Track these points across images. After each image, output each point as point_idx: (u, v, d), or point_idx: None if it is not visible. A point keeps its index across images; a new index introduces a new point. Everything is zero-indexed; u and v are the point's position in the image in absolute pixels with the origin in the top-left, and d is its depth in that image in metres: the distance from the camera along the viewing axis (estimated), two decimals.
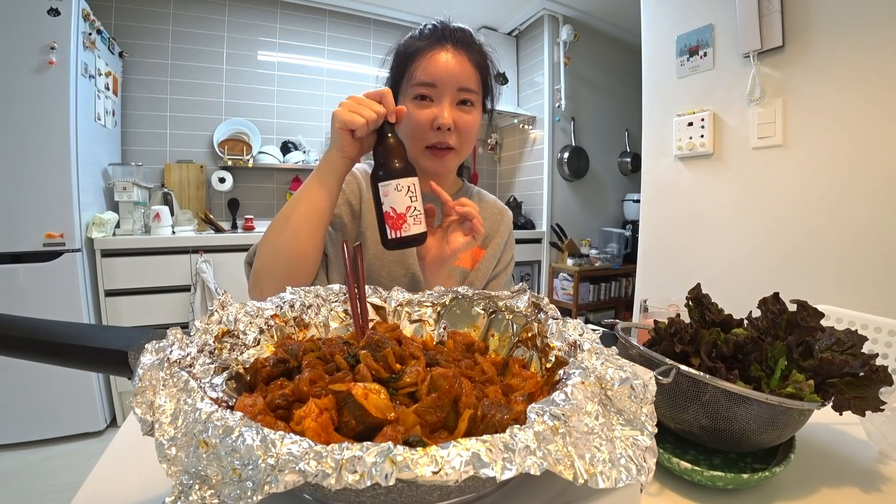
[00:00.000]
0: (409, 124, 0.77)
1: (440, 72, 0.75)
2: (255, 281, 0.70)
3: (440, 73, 0.75)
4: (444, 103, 0.75)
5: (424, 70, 0.75)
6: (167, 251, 2.12)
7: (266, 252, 0.69)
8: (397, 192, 0.64)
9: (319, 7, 2.96)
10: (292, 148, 2.84)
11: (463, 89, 0.76)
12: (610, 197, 3.52)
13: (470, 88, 0.77)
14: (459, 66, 0.76)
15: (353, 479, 0.21)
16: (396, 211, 0.65)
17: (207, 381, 0.35)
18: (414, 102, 0.76)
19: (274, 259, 0.68)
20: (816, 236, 1.42)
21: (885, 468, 0.48)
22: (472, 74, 0.77)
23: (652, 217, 1.96)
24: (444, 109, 0.75)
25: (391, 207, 0.65)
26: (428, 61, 0.75)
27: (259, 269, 0.70)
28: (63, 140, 1.81)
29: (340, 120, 0.64)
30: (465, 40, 0.78)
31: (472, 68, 0.78)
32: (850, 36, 1.31)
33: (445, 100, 0.75)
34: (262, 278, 0.69)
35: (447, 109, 0.75)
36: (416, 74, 0.76)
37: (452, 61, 0.75)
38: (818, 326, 0.49)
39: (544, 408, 0.27)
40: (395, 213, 0.65)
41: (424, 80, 0.75)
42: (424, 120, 0.75)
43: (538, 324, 0.45)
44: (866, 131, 1.30)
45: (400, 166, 0.65)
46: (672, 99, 1.83)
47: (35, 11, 1.75)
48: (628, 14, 2.58)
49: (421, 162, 0.79)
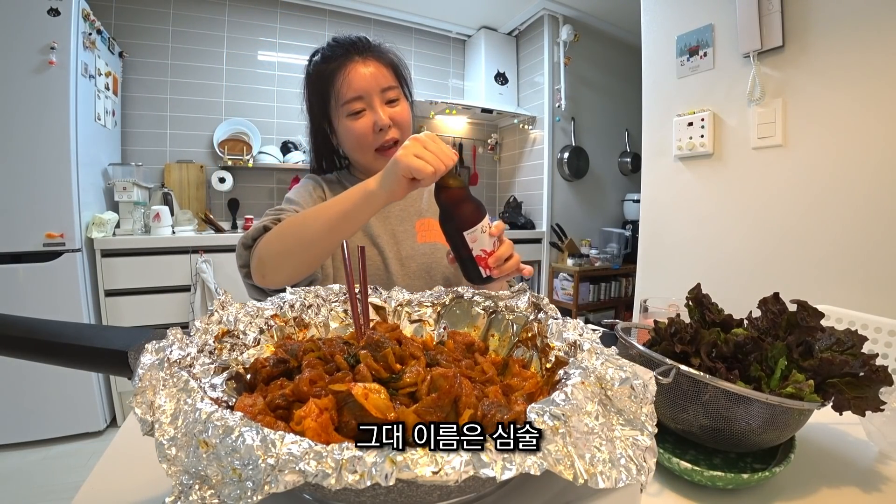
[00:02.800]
0: (352, 138, 0.83)
1: (361, 83, 0.81)
2: (258, 267, 0.72)
3: (362, 85, 0.81)
4: (376, 107, 0.82)
5: (348, 87, 0.81)
6: (167, 251, 2.12)
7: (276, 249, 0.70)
8: (483, 234, 0.65)
9: (319, 7, 2.96)
10: (292, 148, 2.84)
11: (386, 89, 0.83)
12: (610, 197, 3.52)
13: (391, 86, 0.84)
14: (375, 70, 0.83)
15: (353, 479, 0.21)
16: (487, 251, 0.66)
17: (207, 381, 0.35)
18: (350, 118, 0.83)
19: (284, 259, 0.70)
20: (816, 236, 1.42)
21: (885, 468, 0.48)
22: (386, 74, 0.84)
23: (652, 217, 1.96)
24: (378, 112, 0.82)
25: (482, 250, 0.66)
26: (348, 77, 0.81)
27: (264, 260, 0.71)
28: (63, 140, 1.81)
29: (406, 167, 0.60)
30: (367, 48, 0.85)
31: (385, 68, 0.85)
32: (851, 36, 1.31)
33: (376, 103, 0.82)
34: (268, 270, 0.71)
35: (380, 111, 0.82)
36: (342, 93, 0.82)
37: (368, 69, 0.82)
38: (818, 326, 0.49)
39: (544, 408, 0.27)
40: (486, 253, 0.66)
41: (352, 96, 0.81)
42: (366, 129, 0.82)
43: (538, 324, 0.45)
44: (866, 131, 1.30)
45: (476, 208, 0.65)
46: (672, 99, 1.82)
47: (35, 11, 1.75)
48: (628, 14, 2.58)
49: (375, 165, 0.83)
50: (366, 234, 0.89)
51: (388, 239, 0.89)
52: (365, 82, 0.81)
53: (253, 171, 2.78)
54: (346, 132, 0.84)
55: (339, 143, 0.90)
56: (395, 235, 0.91)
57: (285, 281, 0.70)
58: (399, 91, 0.86)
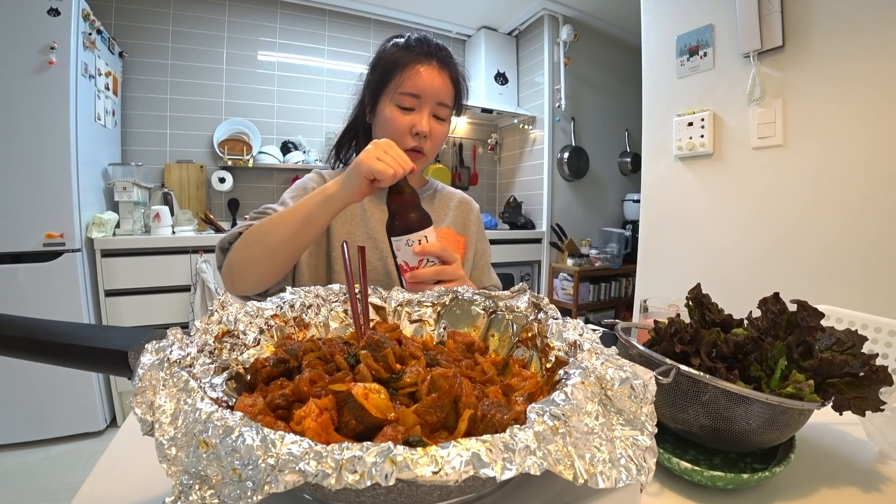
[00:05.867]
0: (390, 126, 0.83)
1: (426, 85, 0.82)
2: (227, 274, 0.74)
3: (425, 87, 0.82)
4: (424, 113, 0.83)
5: (412, 82, 0.82)
6: (167, 251, 2.12)
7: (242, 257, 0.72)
8: (406, 248, 0.66)
9: (319, 7, 2.96)
10: (292, 148, 2.84)
11: (441, 104, 0.84)
12: (610, 197, 3.52)
13: (446, 104, 0.85)
14: (442, 82, 0.84)
15: (353, 479, 0.21)
16: (408, 265, 0.67)
17: (207, 381, 0.35)
18: (397, 109, 0.83)
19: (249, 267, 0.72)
20: (816, 236, 1.42)
21: (885, 468, 0.48)
22: (450, 91, 0.86)
23: (652, 217, 1.96)
24: (424, 118, 0.83)
25: (404, 261, 0.67)
26: (415, 74, 0.82)
27: (233, 266, 0.73)
28: (63, 140, 1.81)
29: (368, 168, 0.63)
30: (448, 59, 0.86)
31: (451, 86, 0.86)
32: (851, 36, 1.31)
33: (425, 110, 0.83)
34: (235, 277, 0.73)
35: (426, 119, 0.83)
36: (403, 84, 0.82)
37: (437, 78, 0.83)
38: (818, 326, 0.49)
39: (544, 408, 0.27)
40: (408, 267, 0.67)
41: (410, 91, 0.82)
42: (405, 126, 0.83)
43: (538, 324, 0.45)
44: (866, 131, 1.30)
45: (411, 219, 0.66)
46: (672, 99, 1.82)
47: (35, 11, 1.75)
48: (628, 14, 2.58)
49: None
50: (370, 237, 0.89)
51: None
52: (429, 86, 0.82)
53: (253, 171, 2.78)
54: (387, 119, 0.84)
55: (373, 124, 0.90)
56: None
57: (252, 288, 0.73)
58: (449, 113, 0.87)
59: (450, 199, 1.02)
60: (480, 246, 1.03)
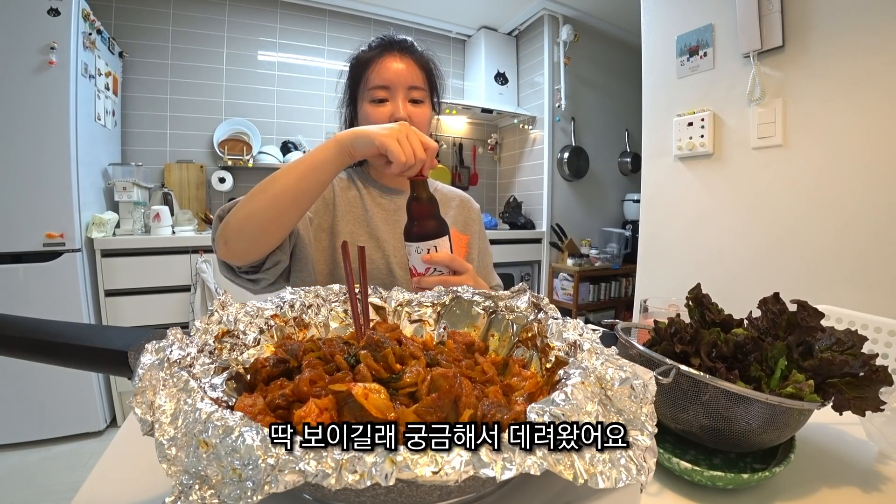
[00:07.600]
0: (371, 122, 0.84)
1: (391, 75, 0.85)
2: (222, 234, 0.69)
3: (391, 76, 0.85)
4: (398, 100, 0.85)
5: (378, 75, 0.85)
6: (167, 251, 2.12)
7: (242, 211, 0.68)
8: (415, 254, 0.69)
9: (319, 7, 2.96)
10: (292, 148, 2.84)
11: (412, 87, 0.86)
12: (610, 197, 3.52)
13: (418, 86, 0.87)
14: (407, 67, 0.86)
15: (353, 479, 0.21)
16: (416, 270, 0.70)
17: (207, 381, 0.35)
18: (372, 104, 0.85)
19: (247, 221, 0.68)
20: (816, 236, 1.42)
21: (885, 468, 0.48)
22: (418, 74, 0.87)
23: (652, 217, 1.96)
24: (399, 105, 0.84)
25: (413, 266, 0.70)
26: (381, 67, 0.85)
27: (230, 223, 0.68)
28: (63, 140, 1.81)
29: (383, 143, 0.63)
30: (410, 47, 0.89)
31: (418, 69, 0.88)
32: (851, 36, 1.31)
33: (399, 97, 0.85)
34: (231, 235, 0.68)
35: (402, 105, 0.85)
36: (371, 79, 0.85)
37: (401, 65, 0.86)
38: (818, 326, 0.49)
39: (544, 408, 0.27)
40: (416, 272, 0.70)
41: (379, 84, 0.85)
42: (384, 116, 0.84)
43: (538, 324, 0.45)
44: (866, 131, 1.30)
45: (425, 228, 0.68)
46: (672, 99, 1.82)
47: (35, 11, 1.75)
48: (628, 14, 2.58)
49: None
50: (371, 236, 0.89)
51: (395, 244, 0.90)
52: (394, 74, 0.84)
53: (253, 171, 2.78)
54: (367, 115, 0.86)
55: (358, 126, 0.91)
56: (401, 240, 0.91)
57: (246, 250, 0.69)
58: (425, 94, 0.89)
59: (450, 199, 1.02)
60: (482, 246, 1.03)
